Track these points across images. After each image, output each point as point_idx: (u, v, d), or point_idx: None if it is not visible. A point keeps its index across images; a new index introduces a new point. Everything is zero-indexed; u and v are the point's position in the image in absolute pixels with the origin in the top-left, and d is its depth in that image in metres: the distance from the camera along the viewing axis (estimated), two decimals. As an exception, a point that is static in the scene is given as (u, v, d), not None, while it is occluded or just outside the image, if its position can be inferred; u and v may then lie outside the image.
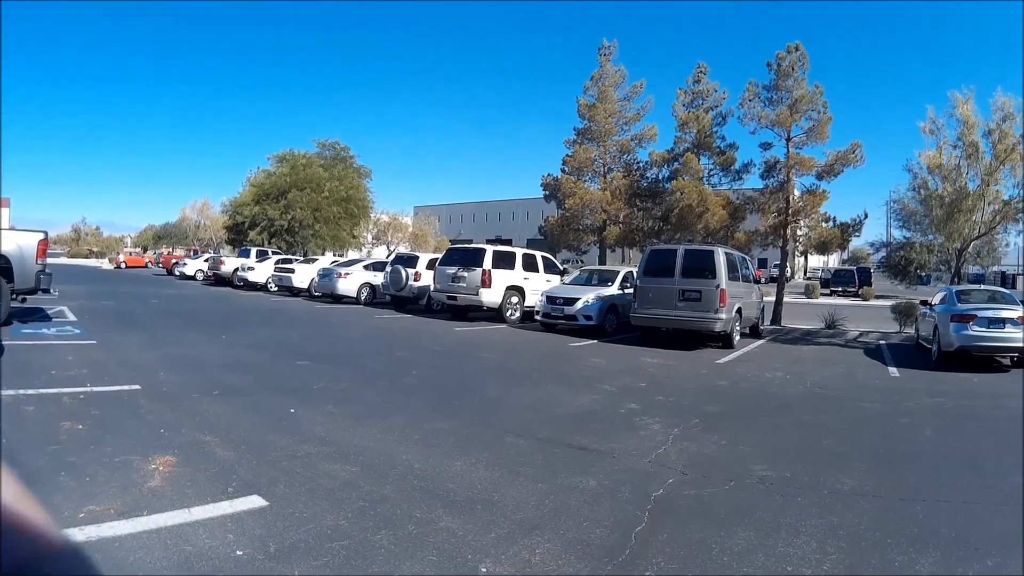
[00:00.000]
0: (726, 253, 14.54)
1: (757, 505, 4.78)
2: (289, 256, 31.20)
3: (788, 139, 20.76)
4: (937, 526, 4.55)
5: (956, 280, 19.95)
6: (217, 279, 32.77)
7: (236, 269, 30.53)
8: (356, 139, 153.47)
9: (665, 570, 3.61)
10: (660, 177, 26.90)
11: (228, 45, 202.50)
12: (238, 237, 41.02)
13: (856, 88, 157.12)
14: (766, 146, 21.78)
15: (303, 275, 26.10)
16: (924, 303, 16.23)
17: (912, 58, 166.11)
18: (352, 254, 45.20)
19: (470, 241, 20.77)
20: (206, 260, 37.48)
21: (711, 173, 24.88)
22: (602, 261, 28.90)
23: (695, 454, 6.07)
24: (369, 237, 58.16)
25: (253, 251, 32.04)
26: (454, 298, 18.10)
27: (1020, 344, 12.39)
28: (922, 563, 3.94)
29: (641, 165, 28.33)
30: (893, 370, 12.63)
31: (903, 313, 20.47)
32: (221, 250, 54.21)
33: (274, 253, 32.17)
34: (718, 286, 13.61)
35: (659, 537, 4.05)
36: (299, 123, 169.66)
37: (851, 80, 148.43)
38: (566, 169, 28.58)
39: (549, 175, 29.48)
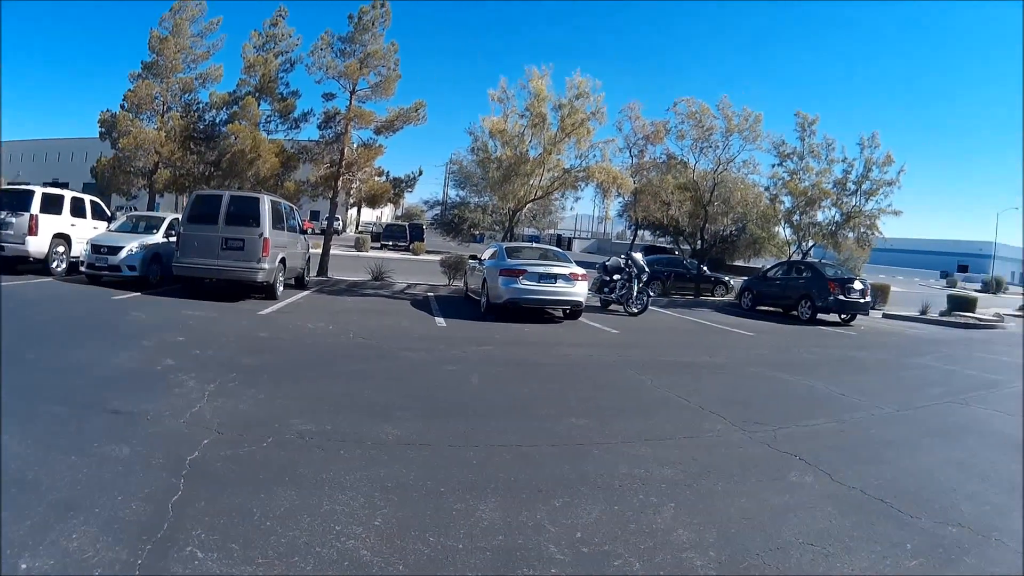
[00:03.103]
0: (272, 201, 14.05)
1: (297, 462, 4.48)
2: None
3: (353, 92, 20.29)
4: (494, 472, 4.57)
5: (508, 238, 21.76)
6: None
7: None
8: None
9: (205, 543, 3.25)
10: (218, 120, 24.95)
11: None
12: None
13: (437, 56, 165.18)
14: (328, 96, 20.99)
15: None
16: (473, 257, 17.27)
17: (489, 33, 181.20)
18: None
19: (27, 184, 17.12)
20: None
21: (269, 120, 23.56)
22: (152, 207, 25.98)
23: (231, 411, 5.62)
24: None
25: None
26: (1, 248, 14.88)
27: (572, 298, 13.74)
28: (482, 509, 3.89)
29: (201, 106, 25.93)
30: (440, 320, 12.83)
31: (452, 267, 21.08)
32: None
33: None
34: (261, 235, 13.10)
35: (196, 506, 3.67)
36: None
37: (433, 47, 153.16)
38: (125, 105, 24.67)
39: (108, 111, 25.10)
